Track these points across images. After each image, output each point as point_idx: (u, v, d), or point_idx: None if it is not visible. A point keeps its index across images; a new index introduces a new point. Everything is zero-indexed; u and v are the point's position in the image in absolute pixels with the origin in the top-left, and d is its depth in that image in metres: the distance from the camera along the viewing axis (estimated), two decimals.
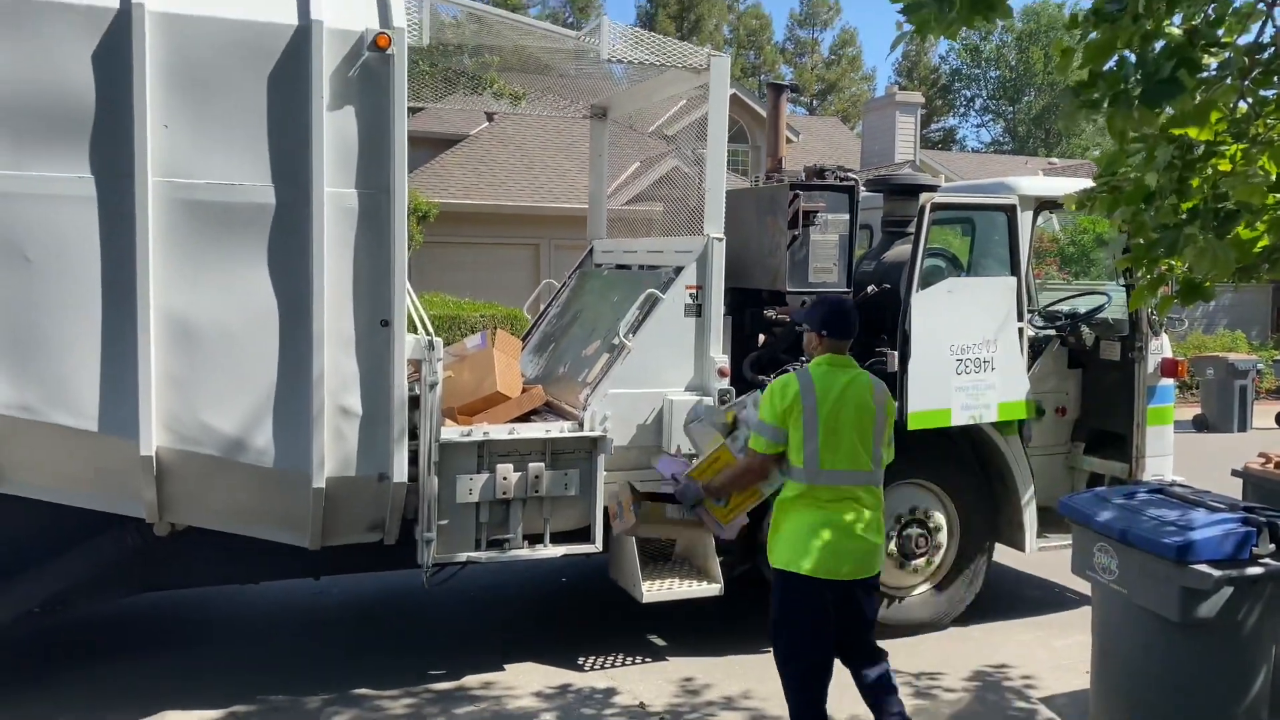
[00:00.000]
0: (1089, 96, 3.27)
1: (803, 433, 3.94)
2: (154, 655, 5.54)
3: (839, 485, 3.97)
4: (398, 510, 4.90)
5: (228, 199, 4.38)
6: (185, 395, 4.38)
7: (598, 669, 5.45)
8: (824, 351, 4.12)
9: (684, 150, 6.96)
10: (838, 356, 4.10)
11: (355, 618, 6.25)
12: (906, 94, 26.25)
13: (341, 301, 4.55)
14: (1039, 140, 47.56)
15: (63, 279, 4.24)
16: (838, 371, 4.05)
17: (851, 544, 3.96)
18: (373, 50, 4.47)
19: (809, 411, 3.94)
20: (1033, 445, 6.22)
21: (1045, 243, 16.66)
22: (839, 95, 51.61)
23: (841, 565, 3.95)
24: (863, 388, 4.04)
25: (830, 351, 4.11)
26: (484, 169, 19.95)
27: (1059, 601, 6.73)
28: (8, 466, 4.44)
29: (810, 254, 5.64)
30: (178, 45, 4.27)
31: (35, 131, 4.17)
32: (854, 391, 4.01)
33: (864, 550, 4.00)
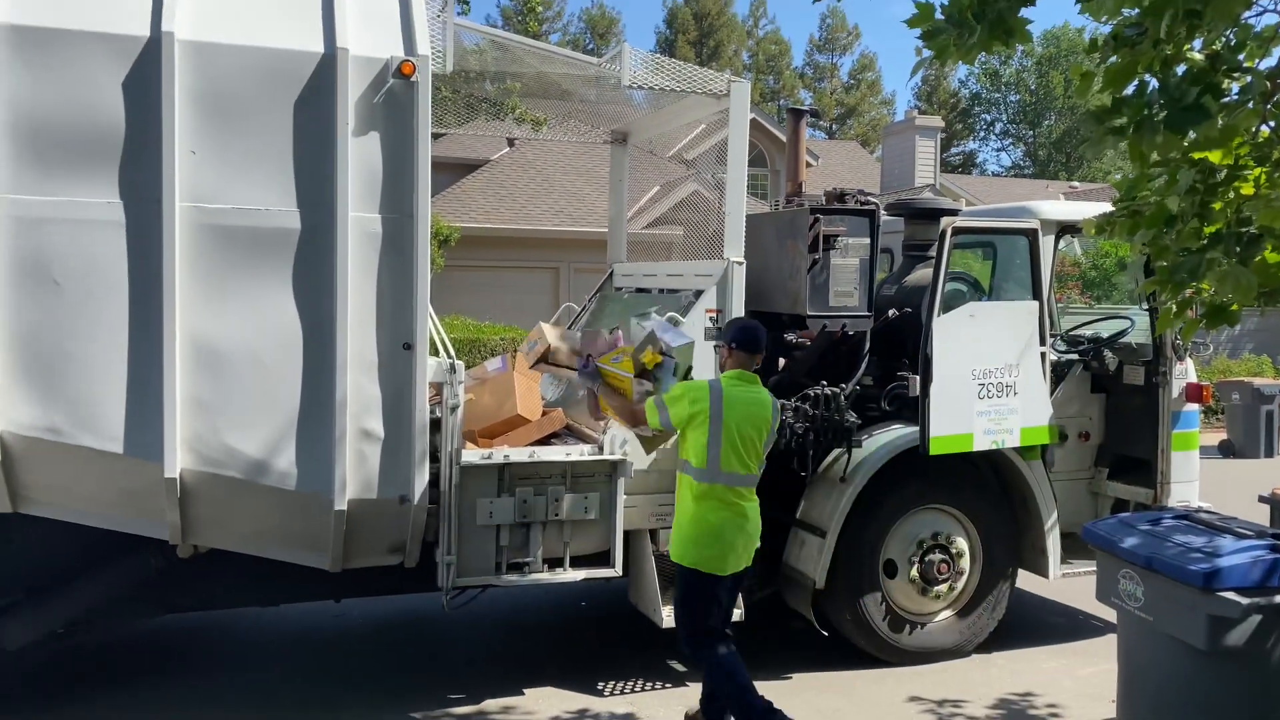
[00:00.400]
0: (1113, 123, 3.26)
1: (707, 437, 4.36)
2: (175, 678, 5.55)
3: (736, 486, 4.42)
4: (418, 533, 4.91)
5: (253, 223, 4.44)
6: (209, 418, 4.42)
7: (617, 694, 5.43)
8: (734, 366, 4.57)
9: (704, 174, 7.01)
10: (745, 372, 4.55)
11: (375, 641, 6.25)
12: (926, 118, 26.28)
13: (365, 325, 4.58)
14: (1059, 164, 47.44)
15: (90, 302, 4.29)
16: (743, 386, 4.50)
17: (742, 539, 4.46)
18: (398, 77, 4.53)
19: (715, 419, 4.36)
20: (1056, 470, 6.17)
21: (1067, 267, 16.58)
22: (858, 119, 51.72)
23: (733, 561, 4.47)
24: (762, 404, 4.49)
25: (739, 366, 4.56)
26: (505, 193, 20.09)
27: (1083, 629, 6.65)
28: (34, 488, 4.48)
29: (831, 278, 5.64)
30: (206, 73, 4.34)
31: (66, 157, 4.24)
32: (754, 407, 4.46)
33: (750, 545, 4.51)
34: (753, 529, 4.52)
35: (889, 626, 5.79)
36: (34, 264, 4.22)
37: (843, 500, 5.62)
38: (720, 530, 4.41)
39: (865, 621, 5.74)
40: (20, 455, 4.31)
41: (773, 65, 52.17)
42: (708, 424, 4.36)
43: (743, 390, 4.47)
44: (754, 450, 4.44)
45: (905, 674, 5.73)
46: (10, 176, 4.17)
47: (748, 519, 4.48)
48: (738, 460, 4.39)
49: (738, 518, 4.44)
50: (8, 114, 4.15)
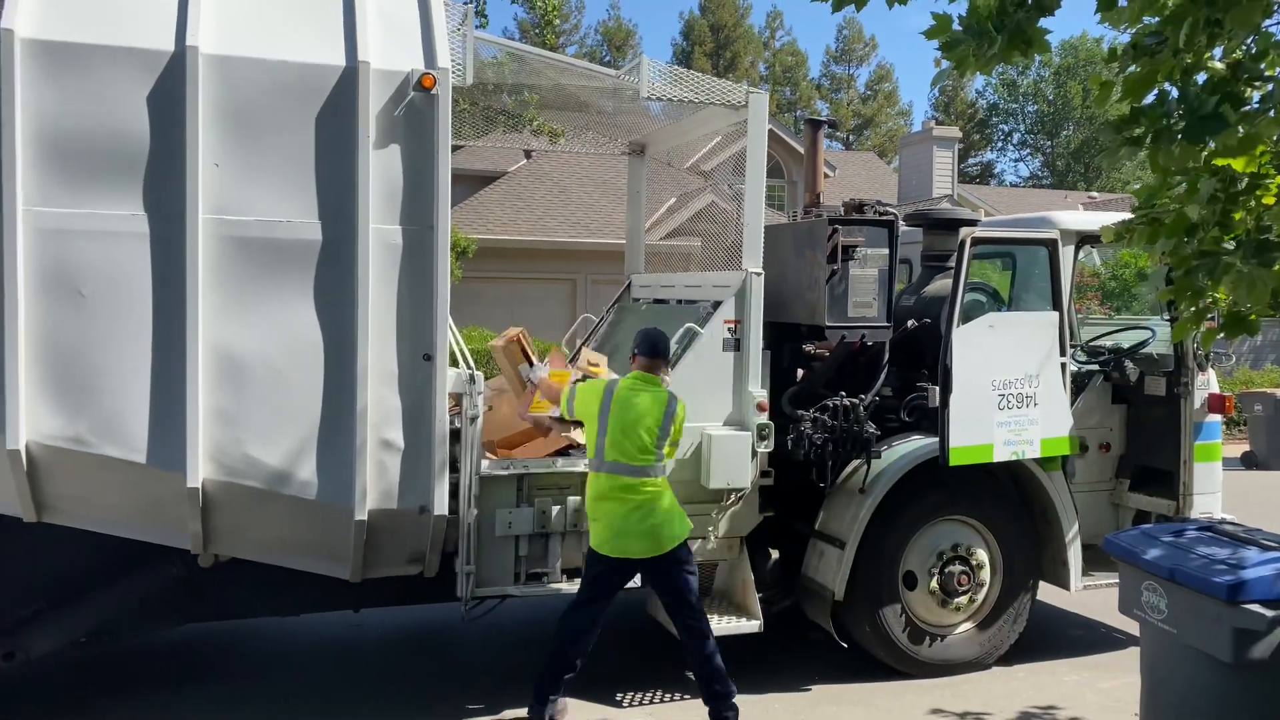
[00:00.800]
0: (1131, 133, 3.26)
1: (597, 429, 4.78)
2: (195, 687, 5.58)
3: (618, 475, 4.74)
4: (438, 543, 4.93)
5: (276, 236, 4.48)
6: (231, 428, 4.45)
7: (636, 705, 5.42)
8: (636, 368, 4.95)
9: (721, 185, 7.02)
10: (644, 374, 4.93)
11: (394, 651, 6.26)
12: (944, 129, 26.23)
13: (385, 336, 4.61)
14: (1078, 174, 47.24)
15: (115, 314, 4.34)
16: (640, 385, 4.89)
17: (633, 525, 4.73)
18: (418, 90, 4.56)
19: (603, 415, 4.79)
20: (1077, 482, 6.14)
21: (1086, 277, 16.49)
22: (875, 130, 51.68)
23: (629, 545, 4.74)
24: (655, 402, 4.85)
25: (641, 369, 4.94)
26: (522, 205, 20.17)
27: (1105, 641, 6.60)
28: (58, 498, 4.53)
29: (849, 288, 5.64)
30: (229, 86, 4.38)
31: (91, 170, 4.29)
32: (645, 404, 4.82)
33: (645, 530, 4.73)
34: (644, 518, 4.75)
35: (909, 638, 5.76)
36: (59, 276, 4.27)
37: (862, 511, 5.60)
38: (599, 510, 4.79)
39: (885, 633, 5.71)
40: (45, 465, 4.35)
41: (789, 76, 52.22)
42: (597, 419, 4.80)
43: (637, 389, 4.86)
44: (639, 443, 4.75)
45: (925, 686, 5.70)
46: (37, 189, 4.22)
47: (638, 508, 4.74)
48: (620, 451, 4.74)
49: (622, 505, 4.74)
50: (35, 128, 4.20)
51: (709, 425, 5.45)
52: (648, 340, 5.03)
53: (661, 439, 4.83)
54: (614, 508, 4.76)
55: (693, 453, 5.44)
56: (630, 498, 4.75)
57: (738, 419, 5.52)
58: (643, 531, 4.75)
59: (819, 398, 5.72)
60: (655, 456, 4.80)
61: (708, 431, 5.41)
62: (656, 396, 4.87)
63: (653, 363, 4.97)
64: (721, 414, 5.51)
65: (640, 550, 4.78)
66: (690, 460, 5.44)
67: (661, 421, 4.82)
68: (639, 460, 4.76)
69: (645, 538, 4.76)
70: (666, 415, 4.85)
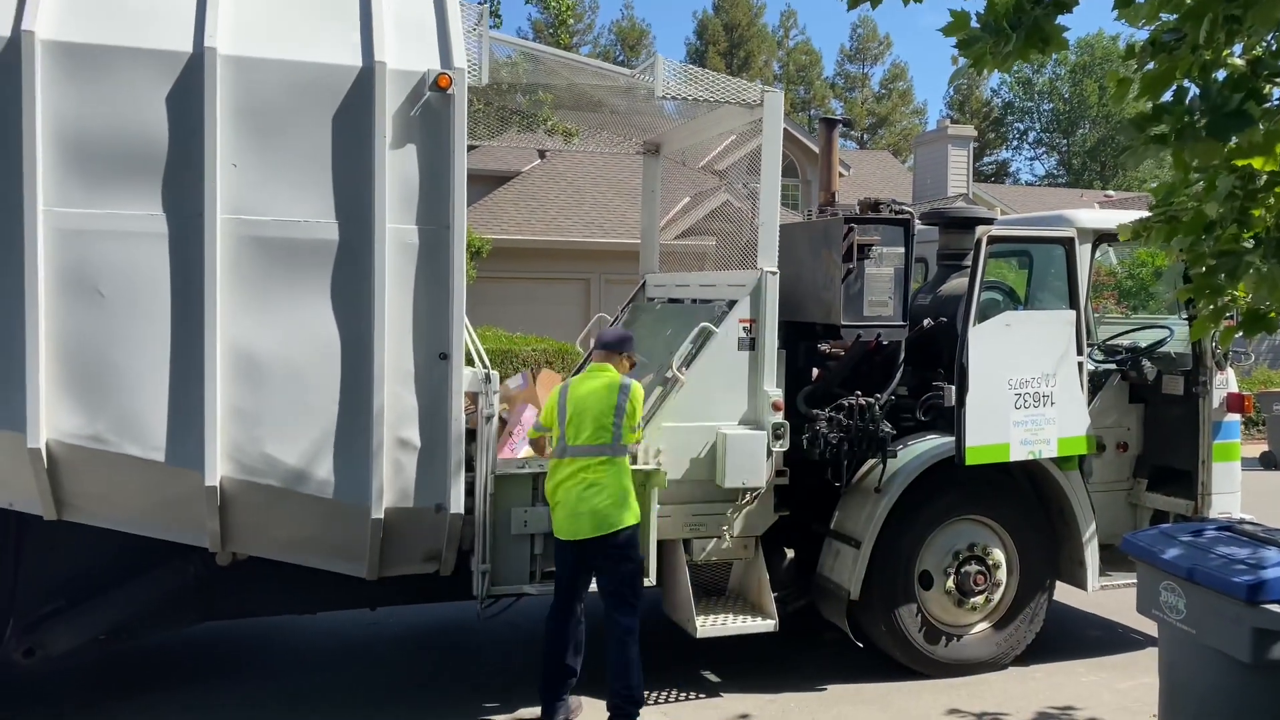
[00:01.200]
0: (1154, 130, 3.23)
1: (557, 423, 4.97)
2: (215, 685, 5.61)
3: (576, 458, 4.85)
4: (454, 541, 4.94)
5: (293, 235, 4.50)
6: (249, 427, 4.48)
7: (651, 704, 5.41)
8: (594, 360, 5.19)
9: (736, 185, 7.01)
10: (599, 364, 5.11)
11: (410, 649, 6.28)
12: (959, 127, 26.12)
13: (401, 335, 4.63)
14: (1094, 173, 46.98)
15: (134, 313, 4.37)
16: (592, 373, 5.08)
17: (583, 505, 4.80)
18: (434, 90, 4.58)
19: (561, 409, 4.97)
20: (1094, 481, 6.11)
21: (1102, 276, 16.40)
22: (890, 129, 51.52)
23: (579, 525, 4.81)
24: (606, 386, 4.97)
25: (596, 361, 5.16)
26: (536, 205, 20.20)
27: (1123, 642, 6.56)
28: (78, 496, 4.56)
29: (865, 287, 5.62)
30: (247, 87, 4.41)
31: (110, 170, 4.33)
32: (595, 388, 4.97)
33: (591, 510, 4.80)
34: (593, 497, 4.82)
35: (925, 638, 5.75)
36: (79, 276, 4.31)
37: (878, 510, 5.59)
38: (557, 495, 4.89)
39: (900, 633, 5.70)
40: (65, 464, 4.39)
41: (803, 75, 52.11)
42: (557, 414, 4.99)
43: (589, 378, 5.06)
44: (596, 423, 4.86)
45: (941, 686, 5.69)
46: (56, 190, 4.26)
47: (590, 485, 4.83)
48: (577, 435, 4.87)
49: (576, 484, 4.83)
50: (55, 129, 4.24)
51: (724, 424, 5.45)
52: (605, 335, 5.32)
53: (617, 418, 4.89)
54: (569, 488, 4.84)
55: (707, 452, 5.44)
56: (584, 476, 4.83)
57: (753, 418, 5.52)
58: (590, 511, 4.81)
59: (834, 397, 5.70)
60: (611, 435, 4.87)
61: (722, 431, 5.41)
62: (609, 382, 4.98)
63: (607, 355, 5.12)
64: (736, 413, 5.51)
65: (587, 529, 4.82)
66: (705, 459, 5.44)
67: (615, 402, 4.90)
68: (596, 440, 4.85)
69: (591, 517, 4.81)
70: (621, 395, 4.93)
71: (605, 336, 5.32)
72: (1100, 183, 43.43)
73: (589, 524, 4.82)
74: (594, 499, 4.81)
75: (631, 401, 4.97)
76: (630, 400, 4.96)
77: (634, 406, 4.98)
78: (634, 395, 4.99)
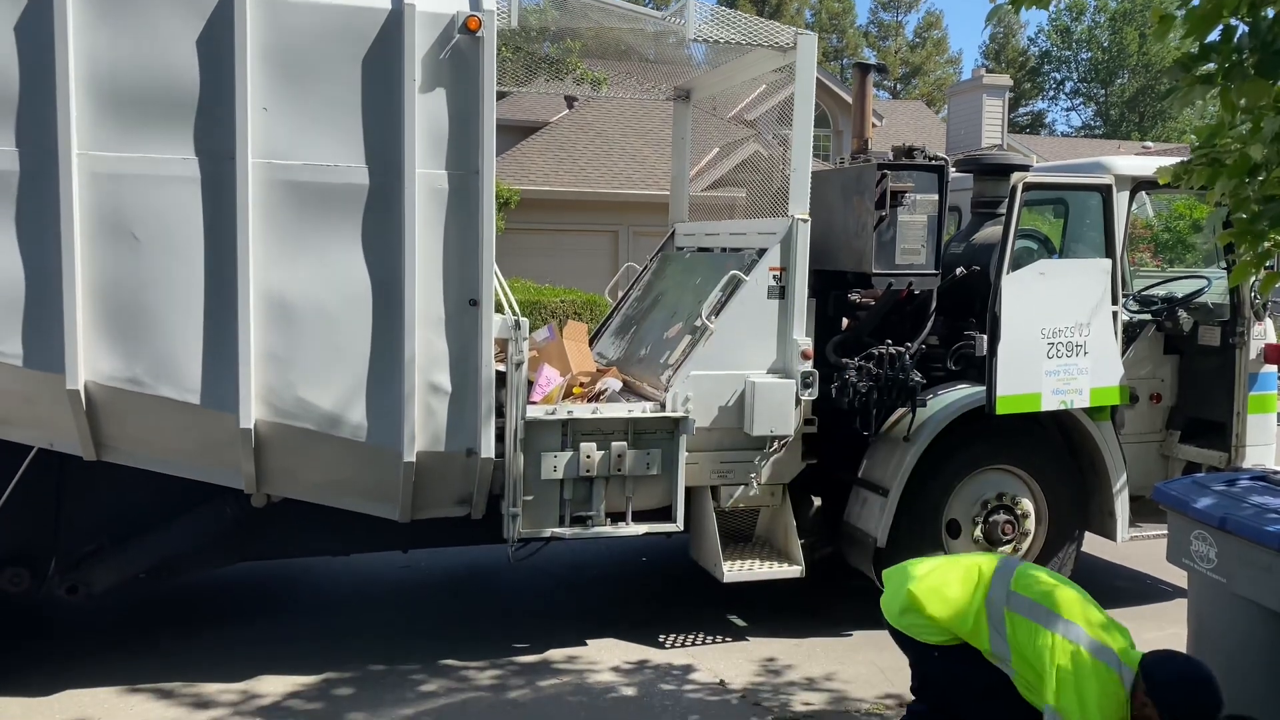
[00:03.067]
0: (1200, 71, 3.14)
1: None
2: (251, 623, 5.74)
3: None
4: (484, 485, 4.99)
5: (324, 180, 4.51)
6: (283, 371, 4.53)
7: (678, 647, 5.49)
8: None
9: (766, 135, 6.93)
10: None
11: (441, 591, 6.39)
12: (994, 76, 25.69)
13: (432, 281, 4.64)
14: (1132, 124, 46.05)
15: (168, 257, 4.41)
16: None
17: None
18: (463, 33, 4.54)
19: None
20: (1126, 432, 6.06)
21: (1139, 229, 16.13)
22: (924, 79, 50.65)
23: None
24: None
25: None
26: (564, 156, 20.09)
27: (1151, 593, 6.56)
28: (116, 437, 4.64)
29: (898, 235, 5.57)
30: (277, 29, 4.39)
31: (143, 114, 4.34)
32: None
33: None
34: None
35: None
36: (114, 220, 4.34)
37: (906, 459, 5.58)
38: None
39: None
40: (103, 405, 4.46)
41: (836, 24, 51.20)
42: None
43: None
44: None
45: None
46: (91, 134, 4.28)
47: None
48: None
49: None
50: (88, 72, 4.25)
51: (753, 373, 5.45)
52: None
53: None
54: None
55: (736, 400, 5.44)
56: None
57: (782, 367, 5.51)
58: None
59: (864, 346, 5.67)
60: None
61: (751, 379, 5.41)
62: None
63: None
64: (766, 362, 5.50)
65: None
66: (733, 407, 5.44)
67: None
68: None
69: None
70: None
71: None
72: (1139, 134, 42.56)
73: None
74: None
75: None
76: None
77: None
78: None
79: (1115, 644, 3.52)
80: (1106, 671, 3.43)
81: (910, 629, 3.92)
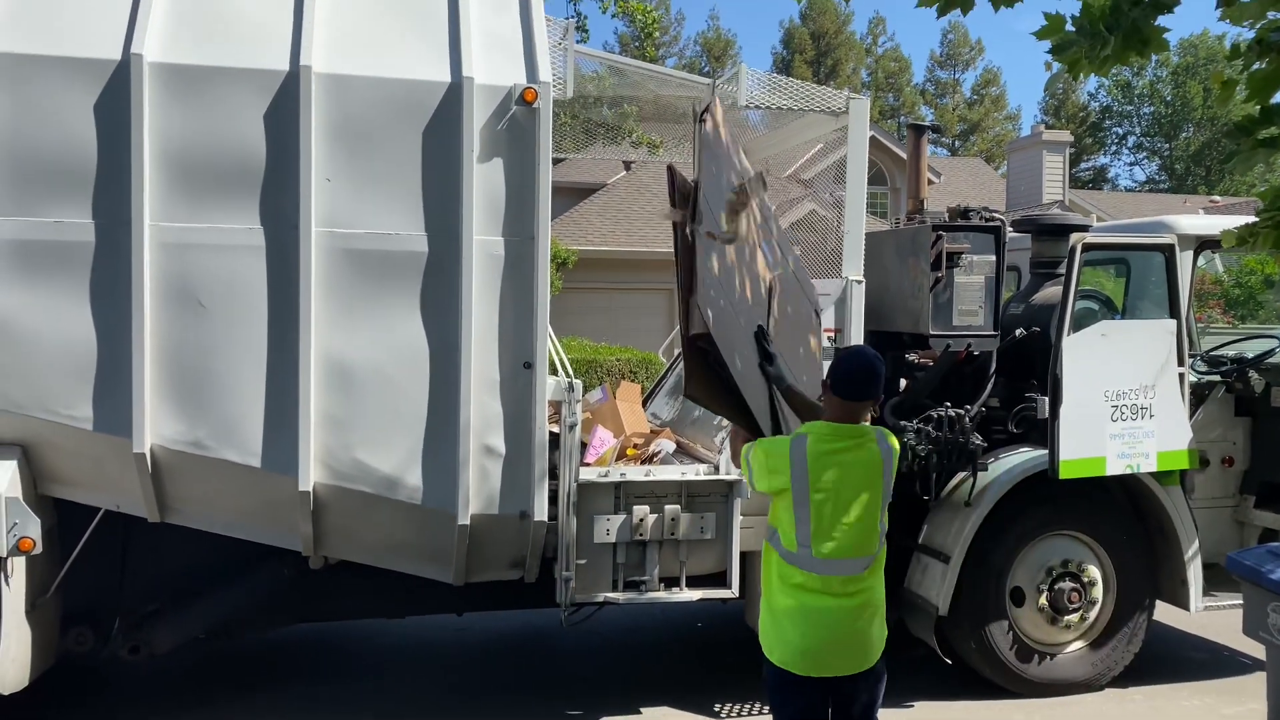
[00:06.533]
0: (1262, 134, 3.09)
1: (792, 507, 3.44)
2: (305, 685, 5.77)
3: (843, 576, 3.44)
4: (538, 548, 4.99)
5: (384, 248, 4.61)
6: (341, 434, 4.59)
7: (734, 716, 5.38)
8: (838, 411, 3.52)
9: (822, 194, 6.95)
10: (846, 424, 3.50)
11: (495, 655, 6.36)
12: (1054, 133, 25.50)
13: (488, 344, 4.70)
14: (1198, 177, 45.28)
15: (232, 324, 4.52)
16: (842, 435, 3.46)
17: (861, 637, 3.49)
18: (520, 104, 4.65)
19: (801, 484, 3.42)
20: (1197, 497, 5.88)
21: (1208, 285, 15.77)
22: (982, 136, 50.48)
23: (850, 660, 3.50)
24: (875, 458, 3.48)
25: (841, 413, 3.50)
26: (621, 217, 20.33)
27: (1228, 665, 6.29)
28: (179, 499, 4.73)
29: (954, 296, 5.51)
30: (341, 103, 4.54)
31: (212, 186, 4.49)
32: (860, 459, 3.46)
33: (874, 640, 3.55)
34: (874, 619, 3.55)
35: (1016, 656, 5.59)
36: (181, 287, 4.48)
37: (968, 524, 5.46)
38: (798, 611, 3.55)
39: (991, 650, 5.55)
40: (167, 468, 4.56)
41: (892, 82, 51.44)
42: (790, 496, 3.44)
43: (838, 439, 3.46)
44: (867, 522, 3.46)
45: (1034, 706, 5.52)
46: (161, 205, 4.43)
47: (867, 605, 3.51)
48: (832, 534, 3.42)
49: (848, 603, 3.48)
50: (161, 147, 4.42)
51: None
52: (853, 368, 3.55)
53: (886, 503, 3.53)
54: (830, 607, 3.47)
55: None
56: (858, 594, 3.48)
57: None
58: (868, 641, 3.54)
59: (923, 408, 5.60)
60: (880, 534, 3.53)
61: None
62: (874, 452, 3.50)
63: (861, 406, 3.54)
64: None
65: (861, 661, 3.54)
66: None
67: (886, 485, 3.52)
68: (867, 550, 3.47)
69: (867, 648, 3.54)
70: (888, 465, 3.51)
71: (856, 371, 3.46)
72: (1205, 188, 41.83)
73: (864, 656, 3.51)
74: (873, 626, 3.51)
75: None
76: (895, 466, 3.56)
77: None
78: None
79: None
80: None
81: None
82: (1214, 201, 27.66)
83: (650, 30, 15.38)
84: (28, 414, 4.40)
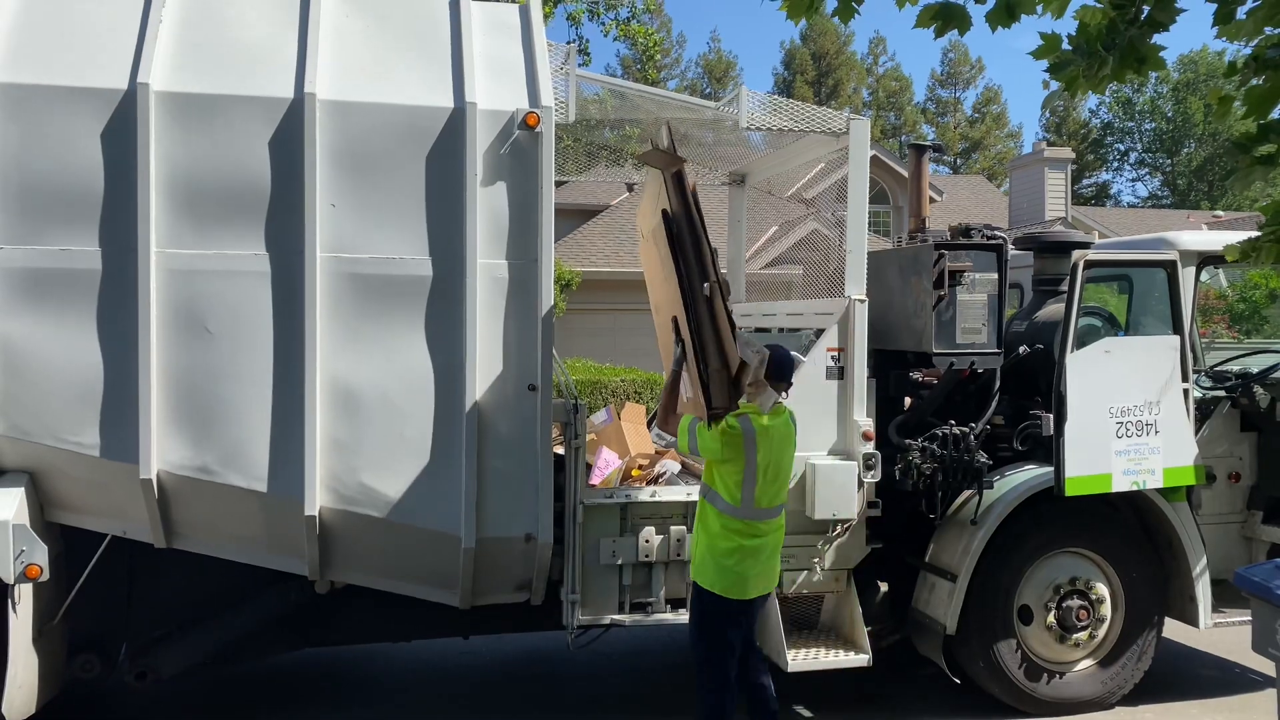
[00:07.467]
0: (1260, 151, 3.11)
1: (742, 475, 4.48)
2: (312, 709, 5.74)
3: (773, 520, 4.61)
4: (543, 571, 4.98)
5: (389, 272, 4.64)
6: (347, 458, 4.61)
7: None
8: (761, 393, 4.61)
9: (824, 213, 6.97)
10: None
11: (502, 677, 6.34)
12: (1055, 150, 25.55)
13: (492, 367, 4.72)
14: (1201, 193, 45.30)
15: (239, 349, 4.55)
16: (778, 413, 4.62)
17: (775, 564, 4.68)
18: (523, 129, 4.69)
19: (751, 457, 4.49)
20: (1204, 513, 5.85)
21: (1212, 300, 15.76)
22: (984, 153, 50.61)
23: (770, 583, 4.67)
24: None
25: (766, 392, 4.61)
26: (624, 238, 20.38)
27: (1238, 682, 6.25)
28: (185, 524, 4.74)
29: (957, 314, 5.52)
30: (344, 130, 4.58)
31: (217, 213, 4.54)
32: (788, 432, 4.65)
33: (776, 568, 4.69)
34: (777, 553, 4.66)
35: (1025, 675, 5.57)
36: (188, 313, 4.51)
37: (974, 543, 5.45)
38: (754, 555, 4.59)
39: (1000, 669, 5.53)
40: (174, 493, 4.58)
41: (893, 101, 51.64)
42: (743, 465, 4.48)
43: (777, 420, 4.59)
44: (785, 480, 4.64)
45: None
46: (168, 232, 4.47)
47: (779, 545, 4.69)
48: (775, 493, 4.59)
49: (774, 545, 4.64)
50: (167, 174, 4.46)
51: (813, 455, 5.39)
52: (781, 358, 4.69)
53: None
54: (766, 549, 4.61)
55: (797, 482, 5.38)
56: (779, 537, 4.68)
57: (843, 448, 5.45)
58: (775, 569, 4.70)
59: (927, 426, 5.60)
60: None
61: (812, 461, 5.35)
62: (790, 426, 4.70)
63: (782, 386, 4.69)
64: (826, 443, 5.45)
65: (773, 583, 4.74)
66: (795, 490, 5.38)
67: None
68: (782, 499, 4.65)
69: (774, 575, 4.72)
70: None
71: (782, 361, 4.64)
72: (1208, 203, 41.84)
73: (775, 579, 4.72)
74: (777, 556, 4.68)
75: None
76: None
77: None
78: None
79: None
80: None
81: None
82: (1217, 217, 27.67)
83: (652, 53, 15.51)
84: (35, 441, 4.42)
